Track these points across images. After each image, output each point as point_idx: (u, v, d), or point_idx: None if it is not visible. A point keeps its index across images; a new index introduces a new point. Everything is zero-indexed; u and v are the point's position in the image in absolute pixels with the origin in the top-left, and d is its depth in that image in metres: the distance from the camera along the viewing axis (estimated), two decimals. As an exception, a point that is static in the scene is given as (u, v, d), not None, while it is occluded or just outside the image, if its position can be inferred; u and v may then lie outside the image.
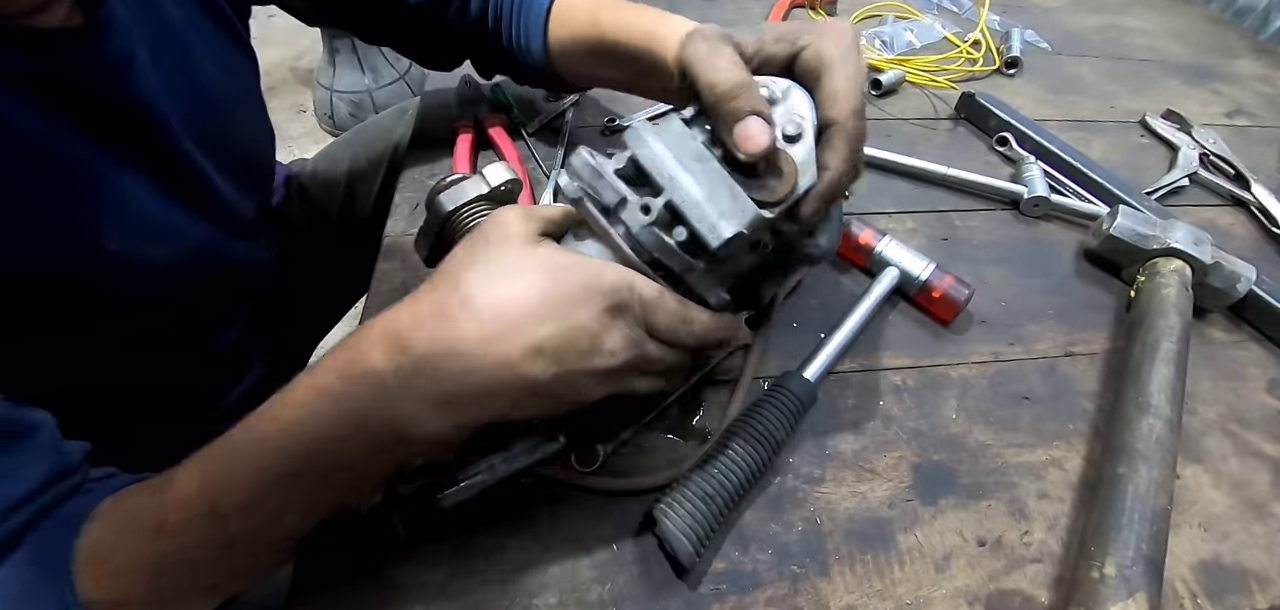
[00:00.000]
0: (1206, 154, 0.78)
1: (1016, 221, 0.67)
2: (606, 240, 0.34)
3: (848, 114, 0.35)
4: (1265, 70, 1.01)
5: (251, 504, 0.31)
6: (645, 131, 0.34)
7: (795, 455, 0.45)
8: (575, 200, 0.35)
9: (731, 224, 0.32)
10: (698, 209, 0.32)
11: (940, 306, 0.54)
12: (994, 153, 0.76)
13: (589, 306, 0.31)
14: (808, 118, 0.36)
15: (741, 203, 0.33)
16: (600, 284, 0.32)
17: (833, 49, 0.36)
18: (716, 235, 0.32)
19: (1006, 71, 0.90)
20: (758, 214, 0.33)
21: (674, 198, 0.33)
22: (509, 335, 0.30)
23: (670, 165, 0.33)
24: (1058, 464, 0.47)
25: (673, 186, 0.33)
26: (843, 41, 0.36)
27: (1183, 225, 0.59)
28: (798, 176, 0.34)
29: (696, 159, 0.34)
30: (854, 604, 0.39)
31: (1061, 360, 0.54)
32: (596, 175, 0.34)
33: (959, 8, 1.05)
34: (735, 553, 0.40)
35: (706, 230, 0.32)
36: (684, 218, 0.33)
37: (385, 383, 0.30)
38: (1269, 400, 0.54)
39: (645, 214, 0.33)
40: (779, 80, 0.37)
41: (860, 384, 0.50)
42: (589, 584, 0.38)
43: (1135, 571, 0.38)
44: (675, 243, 0.33)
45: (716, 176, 0.33)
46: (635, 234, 0.33)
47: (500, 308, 0.31)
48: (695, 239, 0.33)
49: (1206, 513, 0.46)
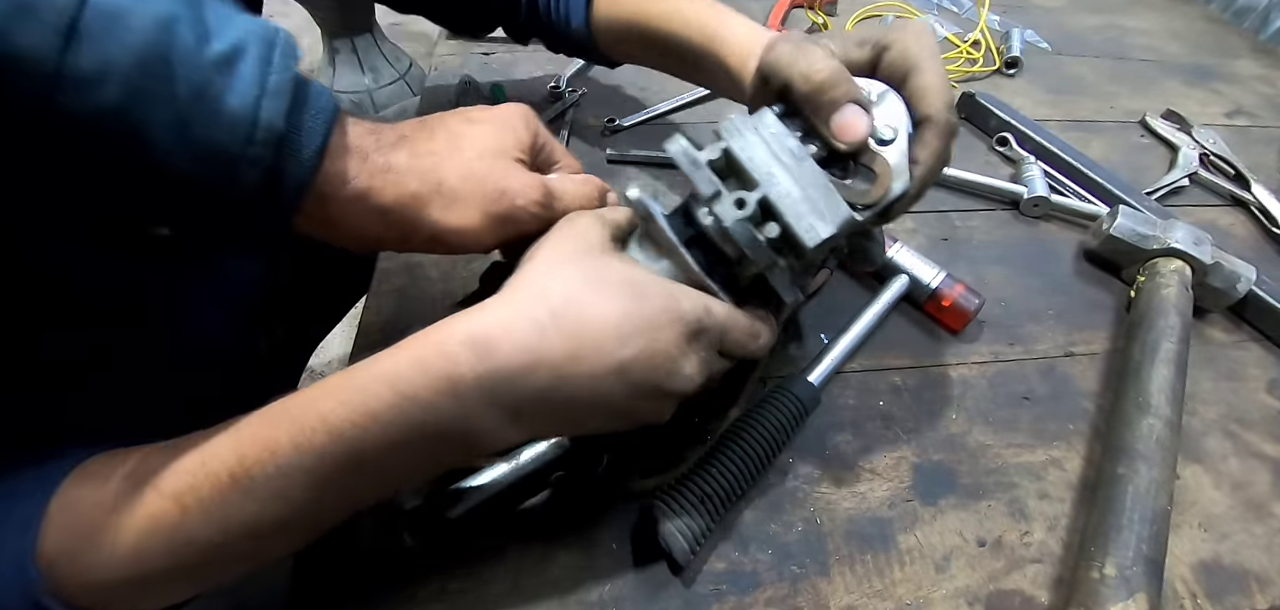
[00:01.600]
0: (1206, 154, 0.79)
1: (1016, 221, 0.67)
2: (674, 257, 0.34)
3: (941, 108, 0.35)
4: (1265, 70, 1.01)
5: (298, 490, 0.29)
6: (742, 124, 0.34)
7: (795, 455, 0.45)
8: (644, 215, 0.34)
9: (827, 225, 0.32)
10: (794, 207, 0.32)
11: (950, 315, 0.54)
12: (994, 153, 0.76)
13: (670, 330, 0.31)
14: (901, 122, 0.36)
15: (836, 203, 0.33)
16: (681, 308, 0.32)
17: (918, 47, 0.36)
18: (813, 235, 0.32)
19: (1006, 71, 0.90)
20: (851, 215, 0.33)
21: (769, 193, 0.32)
22: (595, 354, 0.30)
23: (766, 160, 0.33)
24: (1058, 464, 0.47)
25: (769, 182, 0.32)
26: (927, 39, 0.37)
27: (1183, 225, 0.59)
28: (891, 179, 0.34)
29: (792, 156, 0.33)
30: (854, 604, 0.39)
31: (1061, 360, 0.54)
32: (694, 165, 0.33)
33: (959, 8, 1.05)
34: (735, 553, 0.40)
35: (804, 230, 0.32)
36: (778, 215, 0.32)
37: (467, 389, 0.29)
38: (1269, 400, 0.54)
39: (740, 208, 0.32)
40: (871, 82, 0.37)
41: (860, 384, 0.50)
42: (589, 584, 0.38)
43: (1135, 572, 0.38)
44: (765, 240, 0.33)
45: (811, 174, 0.33)
46: (727, 227, 0.32)
47: (587, 324, 0.30)
48: (787, 237, 0.32)
49: (1206, 513, 0.46)
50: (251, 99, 0.28)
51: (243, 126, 0.28)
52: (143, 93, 0.26)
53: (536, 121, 0.40)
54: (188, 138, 0.27)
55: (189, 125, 0.27)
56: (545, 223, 0.36)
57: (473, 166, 0.35)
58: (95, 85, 0.25)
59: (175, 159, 0.27)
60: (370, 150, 0.33)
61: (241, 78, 0.28)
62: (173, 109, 0.26)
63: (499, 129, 0.37)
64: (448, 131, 0.36)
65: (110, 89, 0.25)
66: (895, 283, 0.54)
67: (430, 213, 0.34)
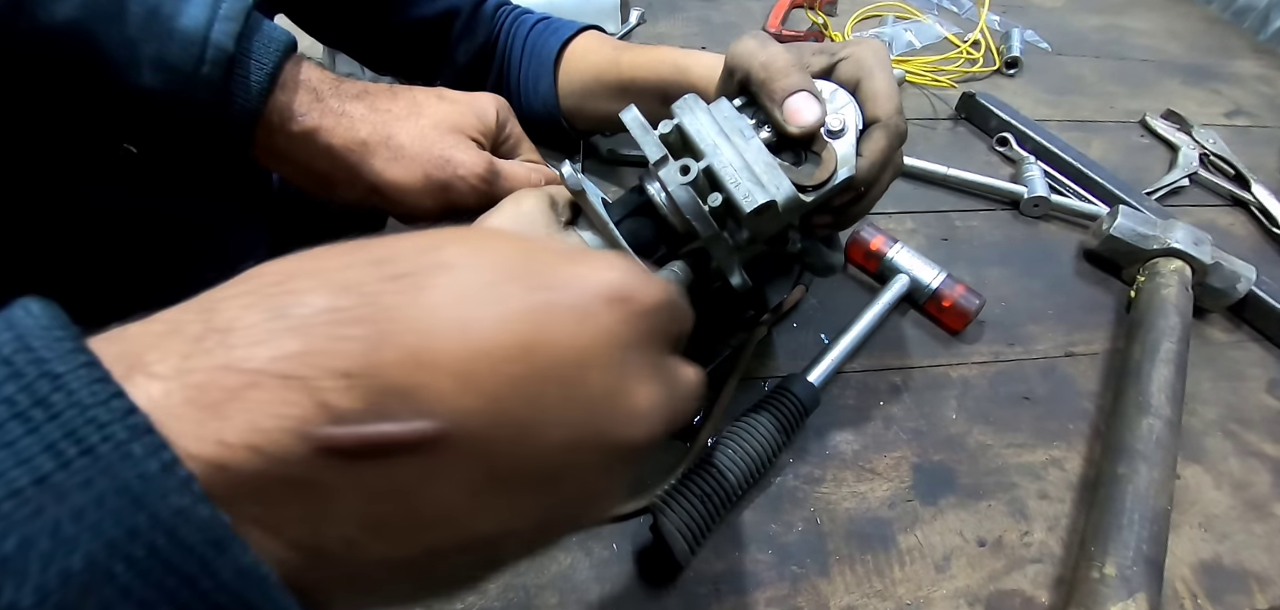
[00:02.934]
0: (1206, 154, 0.79)
1: (1016, 221, 0.67)
2: (605, 233, 0.35)
3: (889, 112, 0.38)
4: (1265, 70, 1.01)
5: None
6: (696, 104, 0.35)
7: (795, 455, 0.45)
8: (577, 191, 0.35)
9: (765, 193, 0.33)
10: (735, 176, 0.33)
11: (950, 316, 0.54)
12: (994, 153, 0.76)
13: None
14: (852, 121, 0.38)
15: (778, 176, 0.34)
16: None
17: (870, 57, 0.39)
18: (751, 200, 0.33)
19: (1006, 71, 0.90)
20: (793, 192, 0.34)
21: (714, 163, 0.34)
22: None
23: (715, 135, 0.35)
24: (1058, 464, 0.47)
25: (714, 153, 0.34)
26: (878, 52, 0.39)
27: (1183, 225, 0.59)
28: (836, 164, 0.36)
29: (741, 135, 0.35)
30: (854, 604, 0.39)
31: (1061, 360, 0.54)
32: (644, 131, 0.35)
33: (959, 8, 1.05)
34: (735, 553, 0.40)
35: (742, 196, 0.33)
36: (721, 183, 0.34)
37: None
38: (1269, 400, 0.54)
39: (684, 174, 0.33)
40: (826, 83, 0.39)
41: (860, 384, 0.50)
42: (589, 583, 0.38)
43: (1135, 571, 0.38)
44: (708, 209, 0.34)
45: (757, 151, 0.35)
46: (671, 191, 0.34)
47: None
48: (729, 206, 0.34)
49: (1206, 513, 0.46)
50: (203, 21, 0.31)
51: (195, 45, 0.30)
52: (97, 9, 0.29)
53: (508, 112, 0.41)
54: (141, 53, 0.30)
55: (141, 42, 0.30)
56: (486, 199, 0.38)
57: (425, 132, 0.37)
58: (53, 1, 0.28)
59: (131, 74, 0.30)
60: (327, 93, 0.36)
61: (195, 2, 0.31)
62: (126, 25, 0.29)
63: (463, 109, 0.39)
64: (412, 99, 0.39)
65: (67, 4, 0.28)
66: (895, 283, 0.54)
67: (374, 162, 0.36)
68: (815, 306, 0.55)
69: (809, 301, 0.55)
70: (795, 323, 0.54)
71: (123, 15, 0.30)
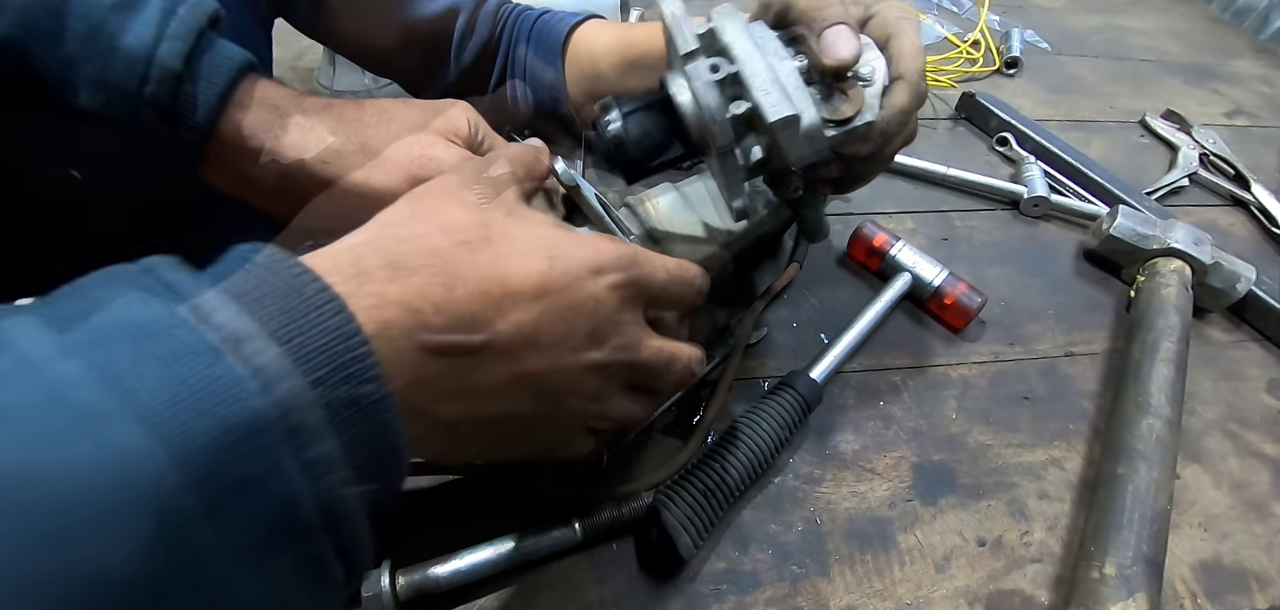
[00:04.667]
0: (1206, 154, 0.79)
1: (1016, 221, 0.67)
2: (600, 225, 0.35)
3: (914, 70, 0.38)
4: (1265, 70, 1.01)
5: None
6: (733, 12, 0.35)
7: (795, 455, 0.45)
8: (571, 186, 0.35)
9: (791, 107, 0.33)
10: (764, 86, 0.33)
11: (952, 313, 0.54)
12: (994, 153, 0.76)
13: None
14: (879, 69, 0.38)
15: (805, 99, 0.34)
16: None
17: (900, 16, 0.40)
18: (777, 111, 0.32)
19: (1006, 71, 0.90)
20: (818, 118, 0.34)
21: (744, 70, 0.33)
22: None
23: (749, 47, 0.34)
24: (1058, 464, 0.47)
25: (746, 62, 0.33)
26: (908, 12, 0.40)
27: (1183, 225, 0.59)
28: (863, 105, 0.36)
29: (776, 55, 0.35)
30: (854, 604, 0.39)
31: (1061, 360, 0.54)
32: (677, 24, 0.34)
33: (959, 8, 1.05)
34: (735, 552, 0.40)
35: (769, 105, 0.32)
36: (749, 90, 0.33)
37: None
38: (1269, 400, 0.54)
39: (713, 72, 0.33)
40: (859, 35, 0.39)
41: (860, 383, 0.50)
42: (589, 583, 0.38)
43: (1135, 571, 0.38)
44: (731, 116, 0.33)
45: (789, 72, 0.34)
46: (696, 88, 0.33)
47: None
48: (751, 118, 0.33)
49: (1206, 513, 0.46)
50: (149, 40, 0.30)
51: (138, 64, 0.30)
52: (34, 26, 0.28)
53: (479, 118, 0.41)
54: (80, 73, 0.29)
55: (81, 61, 0.29)
56: None
57: (399, 134, 0.37)
58: None
59: (69, 93, 0.30)
60: (290, 110, 0.35)
61: (141, 20, 0.30)
62: (64, 44, 0.29)
63: (432, 114, 0.39)
64: (379, 107, 0.39)
65: (3, 20, 0.28)
66: (897, 281, 0.54)
67: (353, 171, 0.36)
68: (815, 306, 0.55)
69: (809, 301, 0.55)
70: (795, 323, 0.54)
71: (61, 33, 0.29)
